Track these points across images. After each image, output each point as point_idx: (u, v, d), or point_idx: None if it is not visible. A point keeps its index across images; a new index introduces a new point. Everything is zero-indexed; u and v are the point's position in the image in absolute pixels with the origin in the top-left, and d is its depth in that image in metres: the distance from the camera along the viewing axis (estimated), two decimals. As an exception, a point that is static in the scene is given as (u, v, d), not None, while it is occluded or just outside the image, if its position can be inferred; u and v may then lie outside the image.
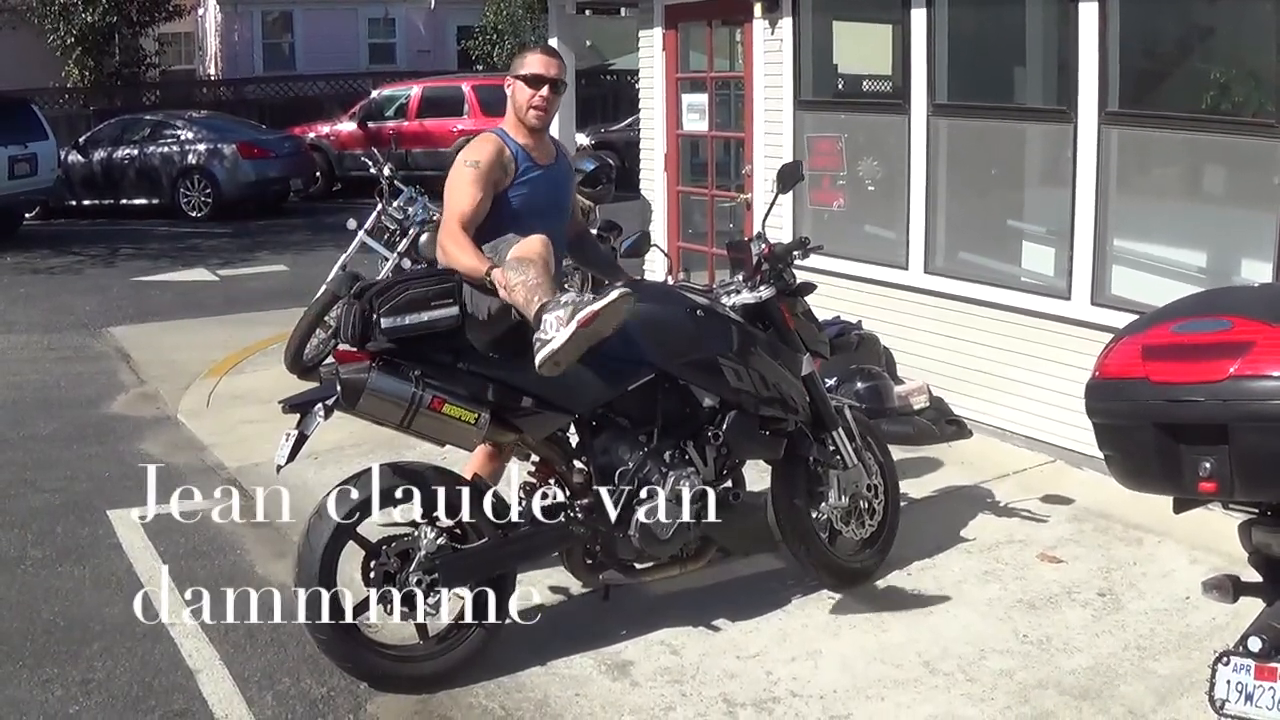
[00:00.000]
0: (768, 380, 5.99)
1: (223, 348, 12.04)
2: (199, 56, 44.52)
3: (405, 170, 15.35)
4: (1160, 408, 3.84)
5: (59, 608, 6.36)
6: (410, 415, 5.21)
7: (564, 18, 13.71)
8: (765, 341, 6.08)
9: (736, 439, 5.94)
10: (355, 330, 5.19)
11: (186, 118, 25.54)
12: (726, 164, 11.87)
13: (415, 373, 5.21)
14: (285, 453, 5.21)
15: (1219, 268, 8.11)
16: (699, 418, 5.91)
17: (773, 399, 6.02)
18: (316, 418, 5.21)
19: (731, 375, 5.85)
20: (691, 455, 5.86)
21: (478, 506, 5.48)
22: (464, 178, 5.71)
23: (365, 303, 5.16)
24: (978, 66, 9.52)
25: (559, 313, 5.10)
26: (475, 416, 5.30)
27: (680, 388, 5.85)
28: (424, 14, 43.65)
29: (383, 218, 11.00)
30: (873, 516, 6.57)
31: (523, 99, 5.95)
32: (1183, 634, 5.84)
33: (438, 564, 5.33)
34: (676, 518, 5.72)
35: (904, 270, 9.30)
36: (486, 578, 5.52)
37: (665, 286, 6.16)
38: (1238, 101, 7.89)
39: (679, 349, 5.79)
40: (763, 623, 6.02)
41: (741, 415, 5.93)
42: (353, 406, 5.18)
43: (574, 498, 5.73)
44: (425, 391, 5.19)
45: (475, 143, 5.93)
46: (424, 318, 5.18)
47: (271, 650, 5.86)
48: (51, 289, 16.40)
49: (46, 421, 9.85)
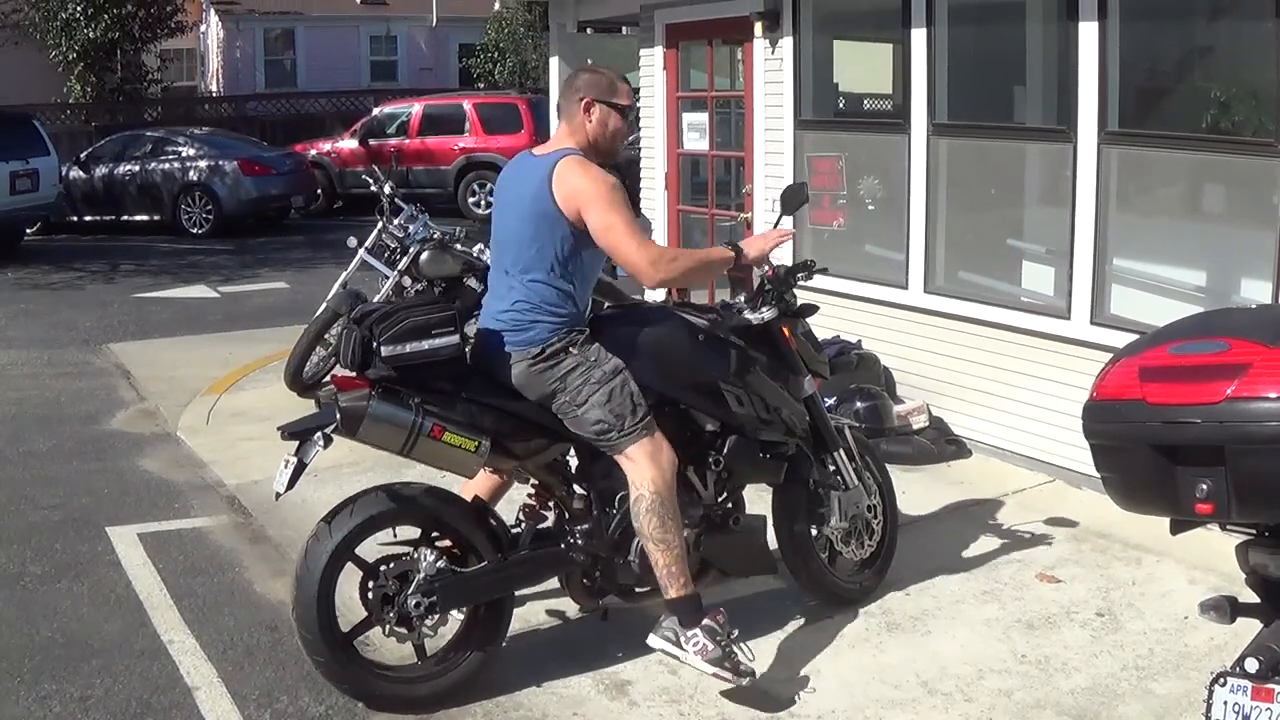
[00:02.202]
0: (769, 404, 5.95)
1: (223, 365, 12.04)
2: (201, 73, 44.72)
3: (406, 188, 15.41)
4: (1157, 429, 3.84)
5: (58, 624, 6.36)
6: (410, 443, 5.20)
7: (565, 36, 13.76)
8: (766, 365, 6.02)
9: (737, 463, 5.91)
10: (355, 357, 5.18)
11: (188, 134, 25.61)
12: (727, 183, 11.90)
13: (415, 400, 5.19)
14: (284, 480, 5.17)
15: (1219, 287, 8.12)
16: (700, 441, 5.87)
17: (774, 423, 5.99)
18: (315, 446, 5.15)
19: (733, 400, 5.81)
20: (692, 479, 5.83)
21: (477, 530, 5.47)
22: (620, 200, 5.44)
23: (365, 329, 5.14)
24: (978, 86, 9.54)
25: (710, 646, 5.35)
26: (476, 444, 5.28)
27: (681, 412, 5.80)
28: (426, 31, 43.81)
29: (383, 235, 11.01)
30: (872, 536, 6.55)
31: (616, 127, 5.69)
32: (1181, 654, 5.84)
33: (436, 587, 5.31)
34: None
35: (904, 290, 9.31)
36: (485, 602, 5.52)
37: (666, 309, 6.09)
38: (1237, 121, 7.90)
39: (680, 374, 5.74)
40: (761, 642, 5.99)
41: (742, 439, 5.89)
42: (352, 434, 5.17)
43: (573, 522, 5.70)
44: (426, 419, 5.18)
45: (591, 166, 5.49)
46: (424, 346, 5.16)
47: (270, 668, 5.86)
48: (52, 305, 16.42)
49: (46, 438, 9.85)
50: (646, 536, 5.40)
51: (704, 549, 5.86)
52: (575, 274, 5.50)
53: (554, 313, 5.44)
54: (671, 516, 5.40)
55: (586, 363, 5.41)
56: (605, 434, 5.41)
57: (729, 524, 5.95)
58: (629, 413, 5.39)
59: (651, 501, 5.36)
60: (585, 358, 5.41)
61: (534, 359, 5.40)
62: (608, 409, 5.37)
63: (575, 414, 5.41)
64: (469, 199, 25.81)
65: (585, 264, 5.55)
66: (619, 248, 5.41)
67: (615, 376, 5.42)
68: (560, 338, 5.42)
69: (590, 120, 5.60)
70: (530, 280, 5.45)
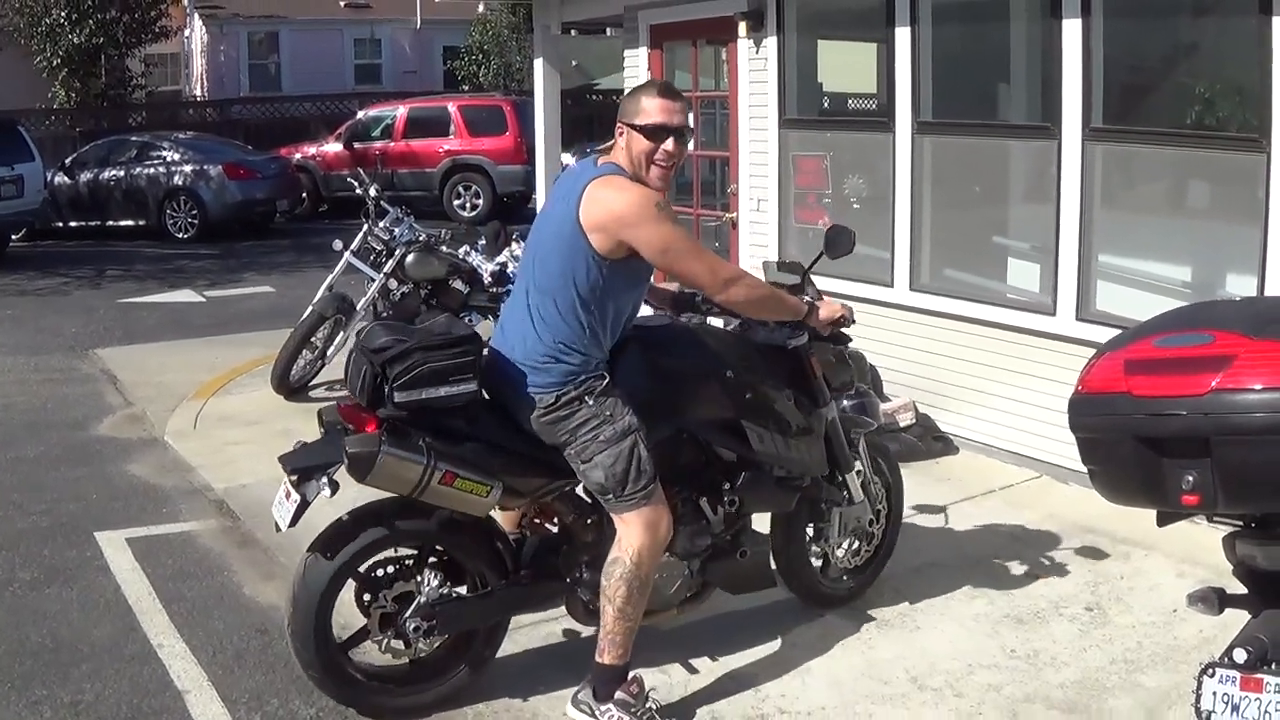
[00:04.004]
0: (790, 443, 5.72)
1: (210, 369, 12.02)
2: (185, 77, 44.64)
3: (391, 191, 15.41)
4: (1142, 421, 3.86)
5: (48, 630, 6.34)
6: (421, 489, 5.01)
7: (549, 38, 13.78)
8: (791, 398, 5.75)
9: (750, 496, 5.73)
10: (366, 393, 4.98)
11: (172, 139, 25.63)
12: (712, 183, 11.91)
13: (425, 440, 5.00)
14: (287, 516, 5.03)
15: (1204, 282, 8.14)
16: (713, 470, 5.70)
17: (793, 459, 5.77)
18: (321, 489, 4.99)
19: (755, 438, 5.59)
20: (703, 508, 5.66)
21: (482, 554, 5.37)
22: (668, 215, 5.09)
23: (379, 367, 4.92)
24: (962, 84, 9.55)
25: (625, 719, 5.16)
26: (488, 489, 5.11)
27: (699, 442, 5.64)
28: (410, 34, 43.83)
29: (369, 238, 10.99)
30: (870, 542, 6.47)
31: (640, 152, 5.14)
32: (1170, 647, 5.86)
33: (437, 612, 5.22)
34: (683, 573, 5.61)
35: (889, 288, 9.32)
36: (484, 626, 5.46)
37: (695, 334, 5.72)
38: (1221, 116, 7.93)
39: (703, 411, 5.54)
40: (751, 641, 6.01)
41: (759, 473, 5.72)
42: (360, 479, 4.99)
43: (579, 551, 5.52)
44: (438, 467, 4.98)
45: (624, 183, 5.09)
46: (440, 393, 4.95)
47: (260, 672, 5.85)
48: (38, 311, 16.37)
49: (33, 443, 9.83)
50: (609, 599, 5.13)
51: (707, 573, 5.74)
52: (599, 310, 5.12)
53: (571, 352, 5.09)
54: (641, 591, 5.14)
55: (599, 417, 5.07)
56: (604, 495, 5.16)
57: (736, 554, 5.79)
58: (631, 480, 5.07)
59: (628, 571, 5.10)
60: (599, 412, 5.08)
61: (548, 408, 5.11)
62: (610, 471, 5.07)
63: (580, 468, 5.15)
64: (454, 201, 25.83)
65: (613, 300, 5.17)
66: (679, 267, 5.15)
67: (624, 439, 5.08)
68: (576, 386, 5.09)
69: (620, 144, 5.21)
70: (550, 310, 5.10)
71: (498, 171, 25.47)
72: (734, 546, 5.79)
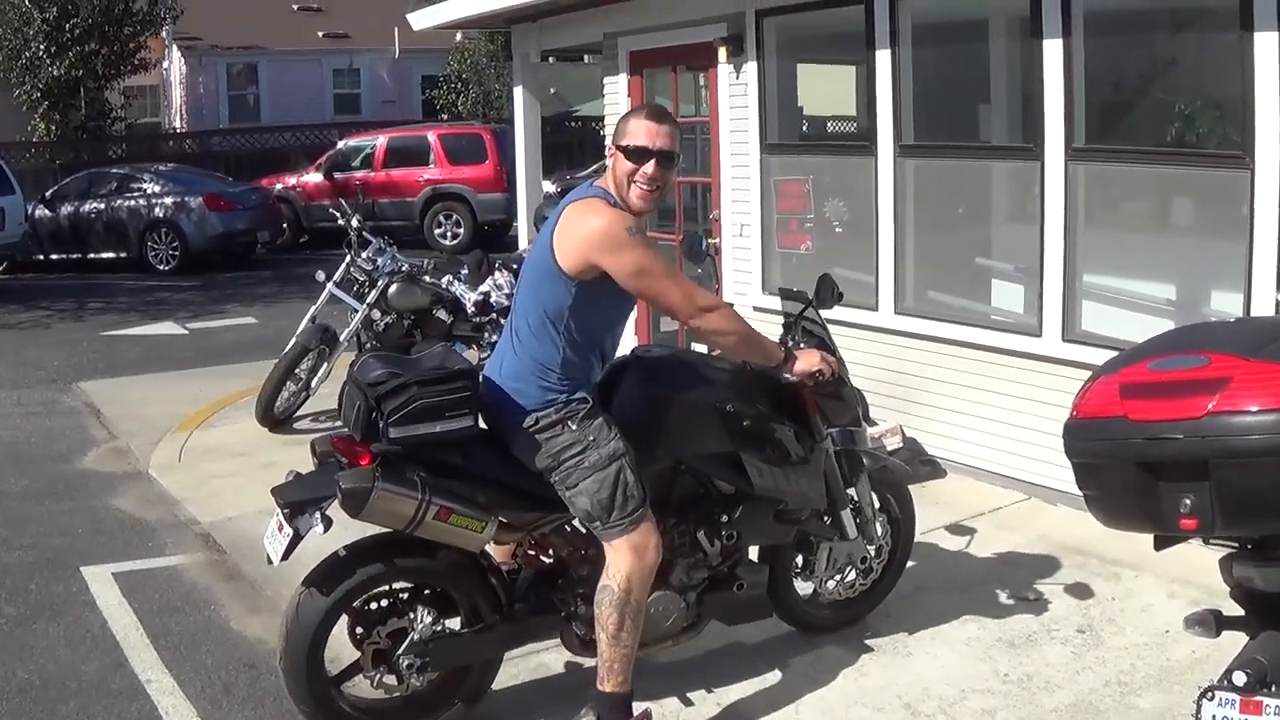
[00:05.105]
0: (790, 477, 5.66)
1: (193, 401, 11.98)
2: (164, 109, 44.55)
3: (372, 220, 15.39)
4: (1139, 446, 3.84)
5: (34, 666, 6.30)
6: (415, 525, 4.98)
7: (528, 66, 13.82)
8: (791, 433, 5.67)
9: (748, 529, 5.69)
10: (360, 427, 4.95)
11: (153, 171, 25.59)
12: (694, 209, 11.89)
13: (419, 475, 4.96)
14: (279, 550, 5.02)
15: (1190, 300, 8.16)
16: (711, 501, 5.66)
17: (793, 492, 5.71)
18: (314, 525, 4.97)
19: (754, 472, 5.53)
20: (701, 541, 5.60)
21: (476, 591, 5.32)
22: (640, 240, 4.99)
23: (373, 401, 4.88)
24: (943, 106, 9.57)
25: None
26: (483, 525, 5.08)
27: (698, 473, 5.61)
28: (388, 64, 43.83)
29: (351, 269, 10.98)
30: (868, 575, 6.34)
31: (623, 173, 5.07)
32: (1163, 668, 5.84)
33: (430, 649, 5.18)
34: (679, 606, 5.56)
35: (874, 311, 9.31)
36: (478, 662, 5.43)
37: (691, 365, 5.71)
38: (1203, 133, 7.95)
39: (701, 443, 5.49)
40: (747, 671, 5.98)
41: (757, 506, 5.66)
42: (354, 515, 4.95)
43: (575, 585, 5.47)
44: (432, 503, 4.95)
45: (598, 206, 5.03)
46: (436, 429, 4.91)
47: (249, 706, 5.80)
48: (20, 344, 16.32)
49: (17, 477, 9.78)
50: (602, 626, 5.08)
51: (704, 605, 5.68)
52: (574, 331, 5.06)
53: (548, 372, 5.06)
54: (634, 617, 5.09)
55: (583, 442, 5.01)
56: (591, 522, 5.11)
57: (733, 587, 5.75)
58: (617, 506, 5.01)
59: (618, 598, 5.05)
60: (583, 436, 5.02)
61: (528, 429, 5.06)
62: (596, 498, 5.01)
63: (565, 494, 5.09)
64: (435, 230, 25.82)
65: (586, 322, 5.09)
66: (652, 292, 5.06)
67: (610, 464, 5.01)
68: (557, 409, 5.05)
69: (611, 167, 5.18)
70: (524, 328, 5.12)
71: (478, 200, 25.49)
72: (731, 579, 5.74)
